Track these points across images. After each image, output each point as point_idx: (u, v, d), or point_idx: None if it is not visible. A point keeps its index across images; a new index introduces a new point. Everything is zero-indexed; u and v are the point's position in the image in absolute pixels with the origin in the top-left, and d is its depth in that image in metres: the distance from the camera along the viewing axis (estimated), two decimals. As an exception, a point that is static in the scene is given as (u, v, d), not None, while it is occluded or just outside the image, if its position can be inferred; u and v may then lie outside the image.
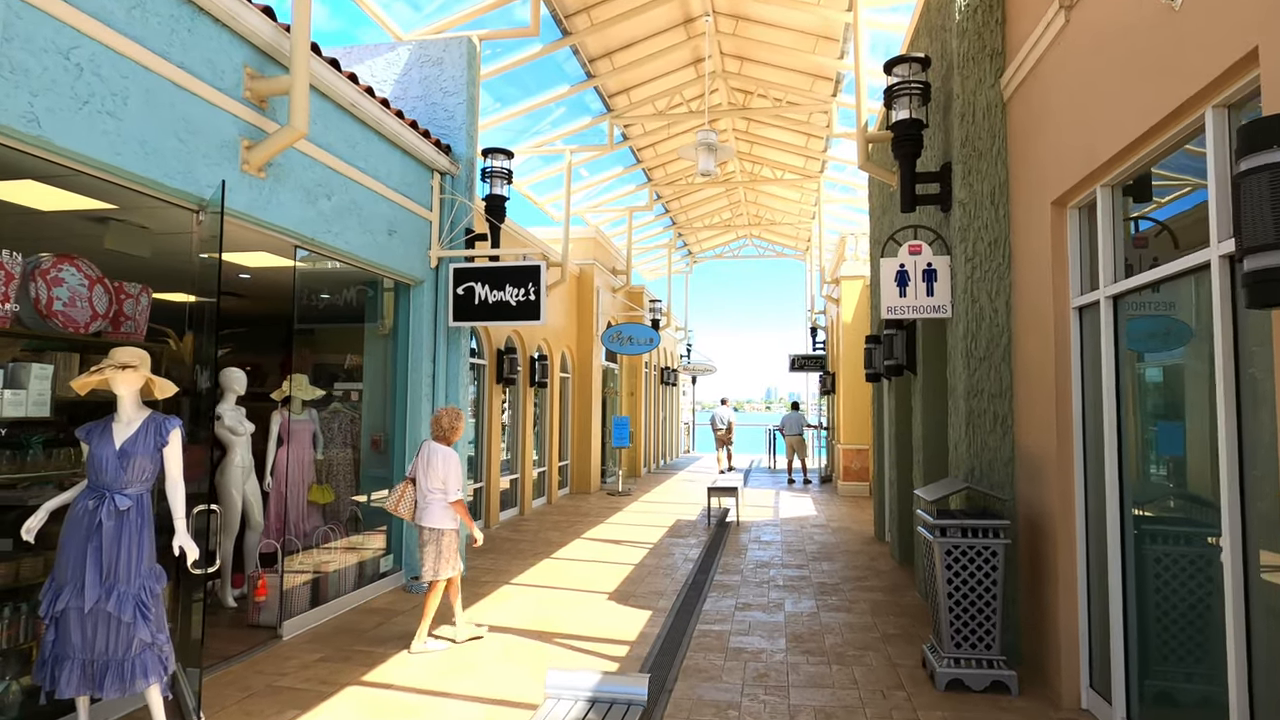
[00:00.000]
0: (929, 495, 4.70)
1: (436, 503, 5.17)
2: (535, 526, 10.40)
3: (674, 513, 11.94)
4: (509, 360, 10.39)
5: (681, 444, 26.31)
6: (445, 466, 5.16)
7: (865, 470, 14.35)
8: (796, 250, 24.37)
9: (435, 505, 5.17)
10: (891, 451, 8.25)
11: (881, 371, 8.29)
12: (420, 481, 5.22)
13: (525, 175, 13.98)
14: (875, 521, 9.66)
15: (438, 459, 5.18)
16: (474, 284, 7.12)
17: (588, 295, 14.50)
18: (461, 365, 7.40)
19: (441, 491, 5.16)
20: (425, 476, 5.19)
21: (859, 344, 14.44)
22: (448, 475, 5.15)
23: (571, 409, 14.25)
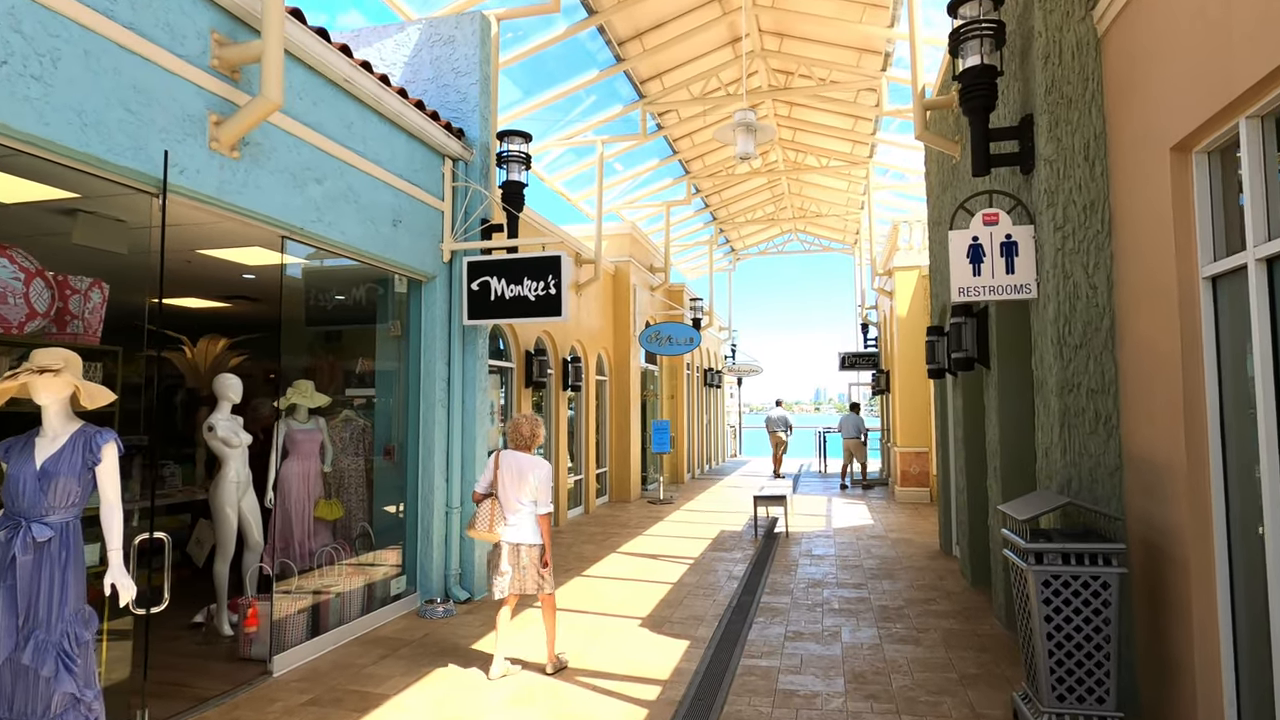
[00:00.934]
0: (1019, 513, 3.86)
1: (530, 516, 4.73)
2: (569, 539, 9.76)
3: (718, 523, 11.17)
4: (539, 363, 9.78)
5: (728, 448, 25.46)
6: (538, 477, 4.73)
7: (925, 475, 13.34)
8: (844, 244, 23.33)
9: (530, 519, 4.73)
10: (959, 456, 7.35)
11: (946, 367, 7.40)
12: (508, 495, 4.72)
13: (557, 171, 13.42)
14: (940, 533, 8.74)
15: (529, 469, 4.73)
16: (489, 279, 6.51)
17: (624, 294, 13.85)
18: (479, 368, 6.79)
19: (533, 504, 4.73)
20: (514, 489, 4.71)
21: (915, 339, 13.44)
22: (541, 486, 4.73)
23: (609, 413, 13.60)
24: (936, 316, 8.54)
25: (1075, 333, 4.22)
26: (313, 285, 6.93)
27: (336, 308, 7.08)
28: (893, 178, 15.40)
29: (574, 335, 11.64)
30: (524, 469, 4.73)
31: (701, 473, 19.48)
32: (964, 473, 7.14)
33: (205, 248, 5.58)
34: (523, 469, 4.73)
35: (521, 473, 4.72)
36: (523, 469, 4.73)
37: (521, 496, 4.70)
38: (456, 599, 6.49)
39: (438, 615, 6.07)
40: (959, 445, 7.31)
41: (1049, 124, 4.32)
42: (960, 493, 7.37)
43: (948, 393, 8.49)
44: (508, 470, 4.75)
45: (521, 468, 4.74)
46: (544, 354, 9.87)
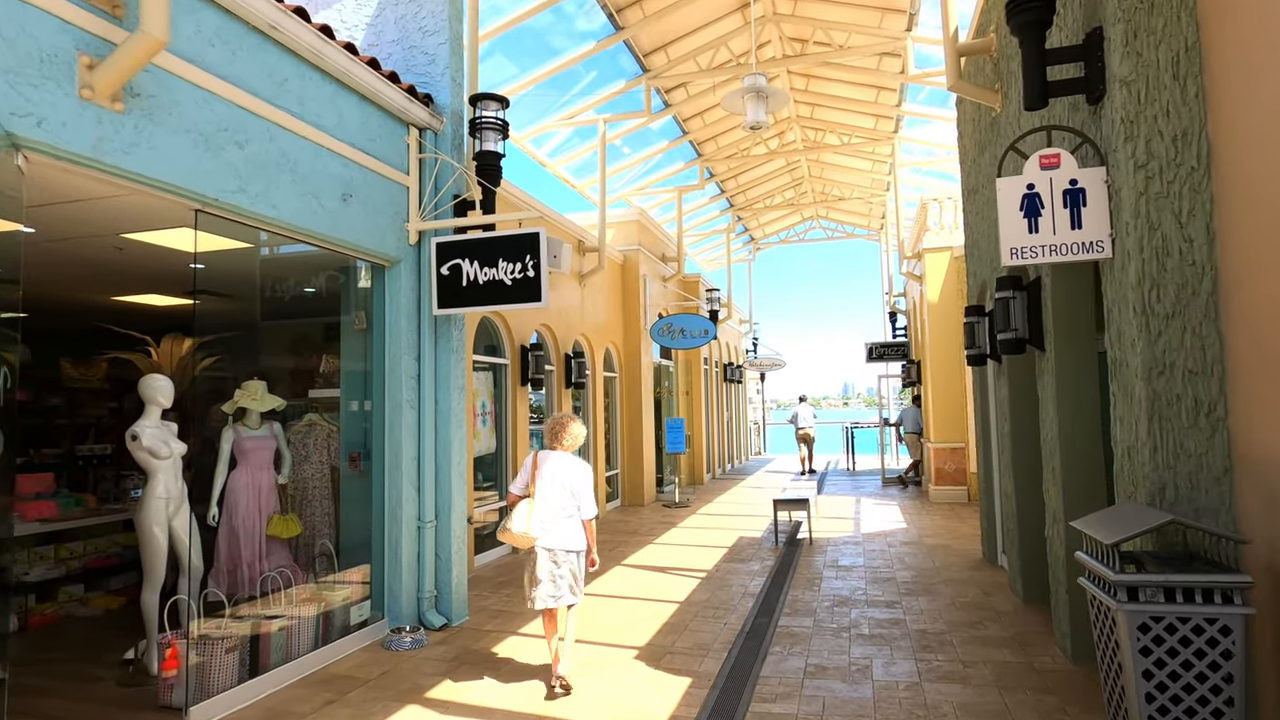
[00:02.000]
0: (1105, 533, 2.96)
1: (573, 520, 4.51)
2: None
3: (736, 528, 10.30)
4: (535, 358, 9.00)
5: (751, 446, 24.52)
6: (580, 479, 4.53)
7: (961, 473, 12.33)
8: (869, 230, 22.26)
9: (574, 522, 4.51)
10: (1005, 453, 6.41)
11: (987, 351, 6.47)
12: (546, 497, 4.47)
13: (560, 155, 12.63)
14: (983, 540, 7.78)
15: (570, 470, 4.53)
16: (460, 261, 5.72)
17: (633, 285, 13.02)
18: (454, 364, 6.01)
19: (576, 507, 4.50)
20: (553, 491, 4.48)
21: (948, 325, 12.44)
22: (582, 489, 4.52)
23: (620, 412, 12.79)
24: (974, 296, 7.58)
25: (1166, 299, 3.31)
26: (268, 274, 6.21)
27: (296, 300, 6.35)
28: (920, 153, 14.37)
29: (577, 329, 10.84)
30: (564, 470, 4.52)
31: (723, 472, 18.60)
32: (1010, 473, 6.20)
33: (129, 230, 4.86)
34: (563, 470, 4.51)
35: (562, 474, 4.50)
36: (563, 470, 4.51)
37: (562, 499, 4.47)
38: (430, 626, 5.72)
39: (404, 646, 5.30)
40: (1004, 441, 6.38)
41: (1124, 35, 3.41)
42: (1007, 496, 6.43)
43: (989, 382, 7.54)
44: (547, 471, 4.51)
45: (562, 469, 4.52)
46: (542, 349, 9.09)
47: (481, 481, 8.63)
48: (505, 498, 8.78)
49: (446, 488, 5.91)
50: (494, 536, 8.51)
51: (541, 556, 4.43)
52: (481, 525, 8.49)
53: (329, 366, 6.33)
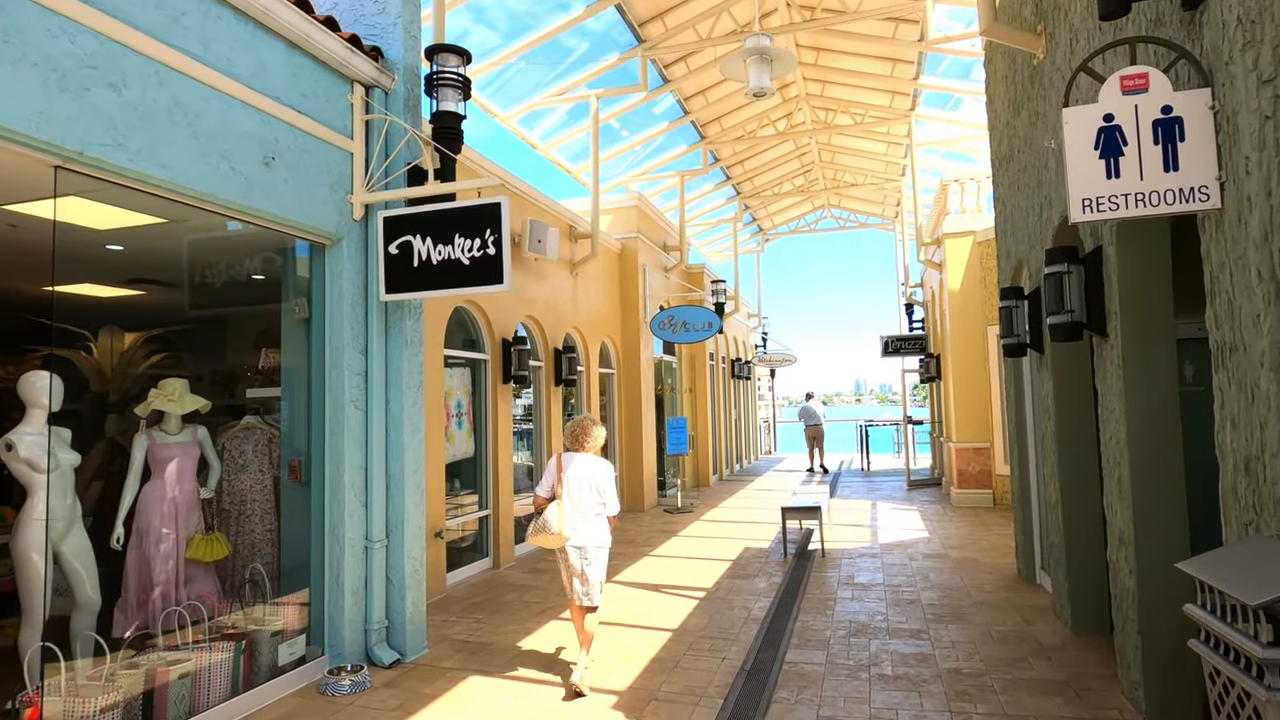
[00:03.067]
0: (1243, 586, 2.09)
1: (599, 518, 4.70)
2: (557, 565, 8.14)
3: (742, 537, 9.45)
4: (519, 353, 8.18)
5: (761, 445, 23.64)
6: (603, 478, 4.71)
7: (986, 475, 11.42)
8: (883, 219, 21.31)
9: (599, 521, 4.71)
10: (1049, 458, 5.54)
11: (1027, 340, 5.59)
12: (572, 497, 4.63)
13: (553, 138, 11.82)
14: (1018, 555, 6.90)
15: (594, 471, 4.69)
16: (411, 238, 4.91)
17: (631, 275, 12.18)
18: (408, 358, 5.20)
19: (601, 505, 4.70)
20: (579, 491, 4.64)
21: (970, 315, 11.54)
22: (606, 487, 4.71)
23: (618, 411, 11.96)
24: (1007, 279, 6.70)
25: (1304, 259, 2.44)
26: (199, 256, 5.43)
27: (231, 286, 5.56)
28: (939, 132, 13.43)
29: (568, 321, 10.02)
30: (588, 471, 4.68)
31: (731, 473, 17.74)
32: (1056, 481, 5.32)
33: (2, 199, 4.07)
34: (587, 471, 4.67)
35: (586, 475, 4.66)
36: (587, 471, 4.67)
37: (588, 498, 4.64)
38: (379, 663, 4.92)
39: (342, 691, 4.49)
40: (1048, 444, 5.50)
41: (1242, -93, 2.53)
42: (1051, 507, 5.55)
43: (1025, 375, 6.65)
44: (572, 473, 4.66)
45: (586, 470, 4.68)
46: (525, 342, 8.28)
47: (458, 488, 7.84)
48: (489, 506, 7.99)
49: (399, 501, 5.10)
50: (470, 551, 7.73)
51: (573, 555, 4.61)
52: (459, 538, 7.69)
53: (269, 361, 5.55)
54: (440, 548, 6.87)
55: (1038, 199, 5.44)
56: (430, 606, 6.44)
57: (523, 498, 8.88)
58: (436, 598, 6.72)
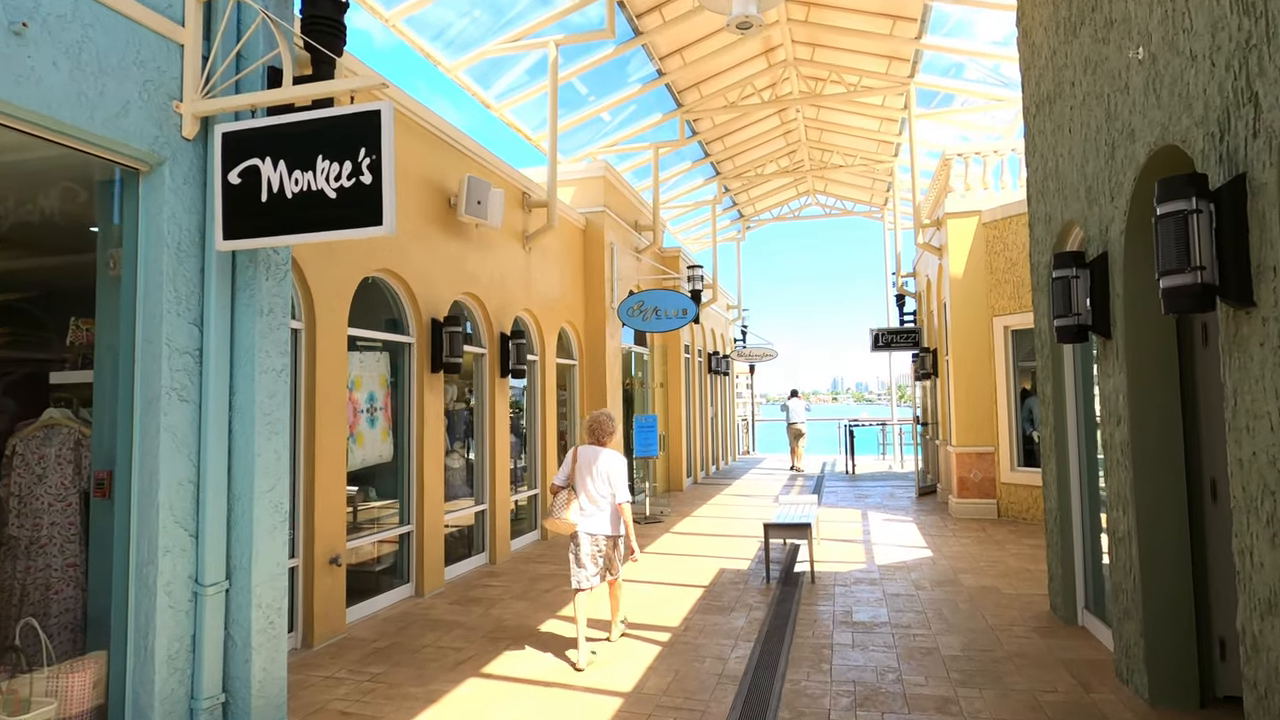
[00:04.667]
0: None
1: (610, 508, 5.00)
2: (497, 591, 6.76)
3: (718, 554, 8.14)
4: (451, 337, 6.77)
5: (739, 444, 22.39)
6: (614, 470, 4.97)
7: (989, 483, 10.22)
8: (871, 206, 20.14)
9: (610, 510, 5.00)
10: (1116, 474, 4.27)
11: (1089, 321, 4.31)
12: (588, 488, 4.96)
13: (508, 97, 10.42)
14: (1053, 588, 5.64)
15: (604, 462, 4.97)
16: (258, 161, 3.49)
17: (596, 254, 10.80)
18: (263, 332, 3.78)
19: (612, 495, 4.97)
20: (591, 481, 4.96)
21: (974, 304, 10.33)
22: (617, 478, 4.96)
23: (579, 407, 10.59)
24: (1047, 248, 5.44)
25: None
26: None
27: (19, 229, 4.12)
28: (940, 103, 12.21)
29: (519, 302, 8.62)
30: (599, 462, 4.97)
31: (707, 475, 16.44)
32: (1129, 505, 4.05)
33: None
34: (598, 462, 4.97)
35: (597, 466, 4.96)
36: (598, 462, 4.97)
37: (600, 488, 4.95)
38: (208, 757, 3.51)
39: (131, 813, 3.09)
40: (1117, 458, 4.22)
41: None
42: (1119, 538, 4.27)
43: (1068, 367, 5.39)
44: (585, 464, 4.98)
45: (597, 461, 4.98)
46: (459, 323, 6.87)
47: (371, 500, 6.43)
48: (411, 521, 6.58)
49: (246, 529, 3.69)
50: (385, 576, 6.35)
51: (585, 541, 4.92)
52: (369, 561, 6.29)
53: (80, 336, 4.11)
54: (338, 578, 5.46)
55: (1106, 136, 4.16)
56: (315, 656, 5.04)
57: (458, 507, 7.49)
58: (329, 642, 5.31)
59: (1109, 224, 4.19)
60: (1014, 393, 10.09)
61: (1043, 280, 5.62)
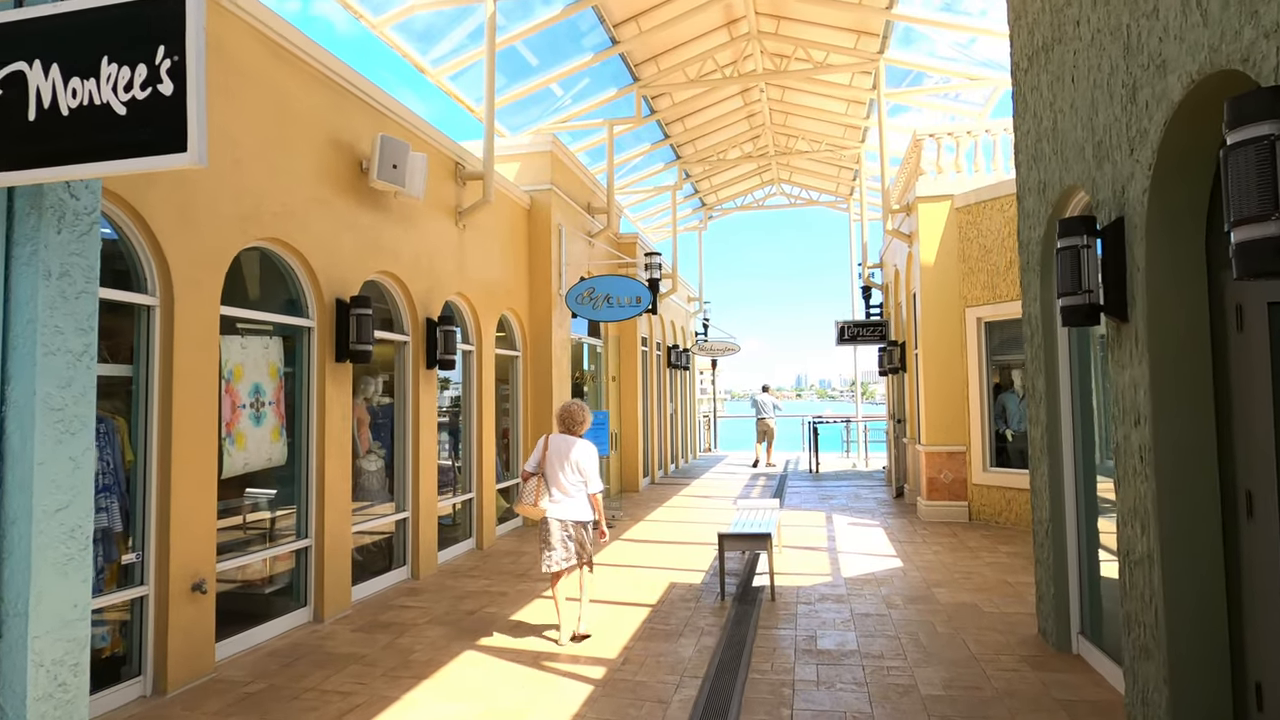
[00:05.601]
0: None
1: (581, 495, 5.10)
2: (414, 613, 5.87)
3: (670, 564, 7.36)
4: (360, 321, 5.85)
5: (700, 442, 21.68)
6: (584, 458, 5.10)
7: (960, 485, 9.61)
8: (836, 198, 19.57)
9: (581, 497, 5.10)
10: (1132, 484, 3.57)
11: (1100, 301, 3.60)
12: (556, 475, 5.07)
13: (445, 62, 9.48)
14: (1043, 607, 4.96)
15: (575, 451, 5.08)
16: (22, 65, 2.57)
17: (543, 236, 9.92)
18: (48, 302, 2.86)
19: (583, 483, 5.10)
20: (564, 470, 5.06)
21: (946, 294, 9.71)
22: (587, 467, 5.10)
23: (523, 402, 9.72)
24: (1040, 220, 4.74)
25: None
26: None
27: None
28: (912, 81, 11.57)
29: (450, 284, 7.71)
30: (570, 451, 5.08)
31: (665, 474, 15.68)
32: (1151, 523, 3.35)
33: None
34: (569, 451, 5.08)
35: (568, 454, 5.06)
36: (569, 451, 5.08)
37: (570, 476, 5.06)
38: None
39: None
40: (1135, 465, 3.51)
41: None
42: (1137, 561, 3.57)
43: (1063, 359, 4.71)
44: (555, 452, 5.09)
45: (568, 450, 5.08)
46: (369, 306, 5.95)
47: (262, 506, 5.50)
48: (309, 535, 5.65)
49: (21, 563, 2.77)
50: (277, 599, 5.42)
51: (554, 527, 5.03)
52: (255, 583, 5.35)
53: None
54: (204, 607, 4.52)
55: (1124, 77, 3.45)
56: (165, 706, 4.11)
57: (374, 515, 6.58)
58: (190, 685, 4.38)
59: (1126, 183, 3.47)
60: (986, 388, 9.50)
61: (1033, 258, 4.92)
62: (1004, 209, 9.24)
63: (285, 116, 5.33)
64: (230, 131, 4.77)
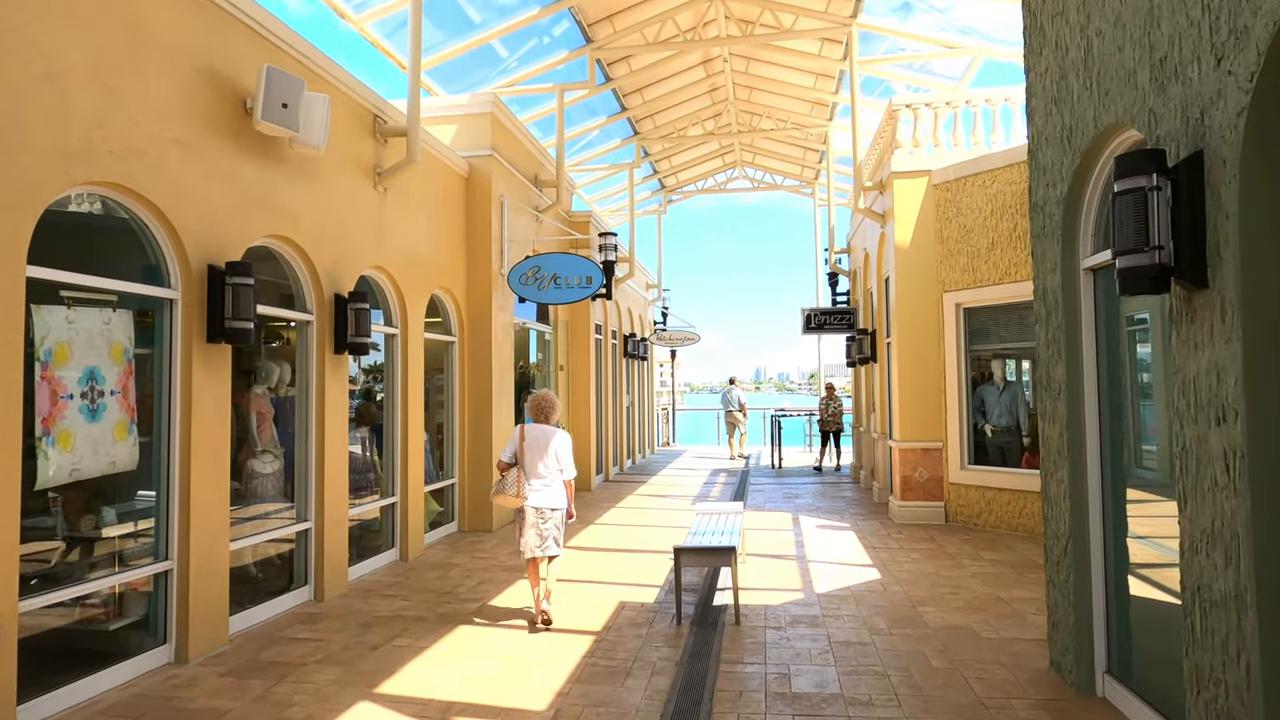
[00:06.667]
0: None
1: (559, 482, 5.23)
2: (306, 648, 4.84)
3: (619, 579, 6.44)
4: (239, 292, 4.76)
5: (659, 435, 20.83)
6: (561, 446, 5.23)
7: (936, 484, 8.90)
8: (800, 182, 18.84)
9: (558, 485, 5.23)
10: (1223, 499, 2.75)
11: (1170, 262, 2.76)
12: (535, 464, 5.16)
13: (368, 8, 8.36)
14: (1056, 640, 4.17)
15: (552, 440, 5.21)
16: None
17: (482, 208, 8.88)
18: None
19: (559, 470, 5.21)
20: (543, 458, 5.17)
21: (922, 278, 8.97)
22: (564, 454, 5.23)
23: (459, 394, 8.69)
24: (1066, 170, 3.92)
25: None
26: None
27: None
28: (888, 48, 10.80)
29: (366, 255, 6.65)
30: (546, 440, 5.20)
31: (621, 471, 14.77)
32: (1240, 550, 2.55)
33: None
34: (545, 440, 5.20)
35: (545, 443, 5.18)
36: (545, 440, 5.20)
37: (548, 463, 5.17)
38: None
39: None
40: (1216, 470, 2.69)
41: None
42: (1217, 603, 2.76)
43: (1086, 341, 3.91)
44: (534, 442, 5.19)
45: (544, 438, 5.21)
46: (250, 275, 4.85)
47: (108, 521, 4.41)
48: (170, 555, 4.56)
49: None
50: (117, 637, 4.33)
51: (530, 514, 5.11)
52: (103, 616, 4.27)
53: None
54: (9, 654, 3.44)
55: (1210, -36, 2.60)
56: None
57: (266, 528, 5.52)
58: (-26, 767, 3.31)
59: (1207, 106, 2.65)
60: (965, 379, 8.79)
61: (1052, 222, 4.11)
62: (986, 185, 8.52)
63: (136, 34, 4.23)
64: (41, 41, 3.66)
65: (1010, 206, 8.29)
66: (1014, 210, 8.26)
